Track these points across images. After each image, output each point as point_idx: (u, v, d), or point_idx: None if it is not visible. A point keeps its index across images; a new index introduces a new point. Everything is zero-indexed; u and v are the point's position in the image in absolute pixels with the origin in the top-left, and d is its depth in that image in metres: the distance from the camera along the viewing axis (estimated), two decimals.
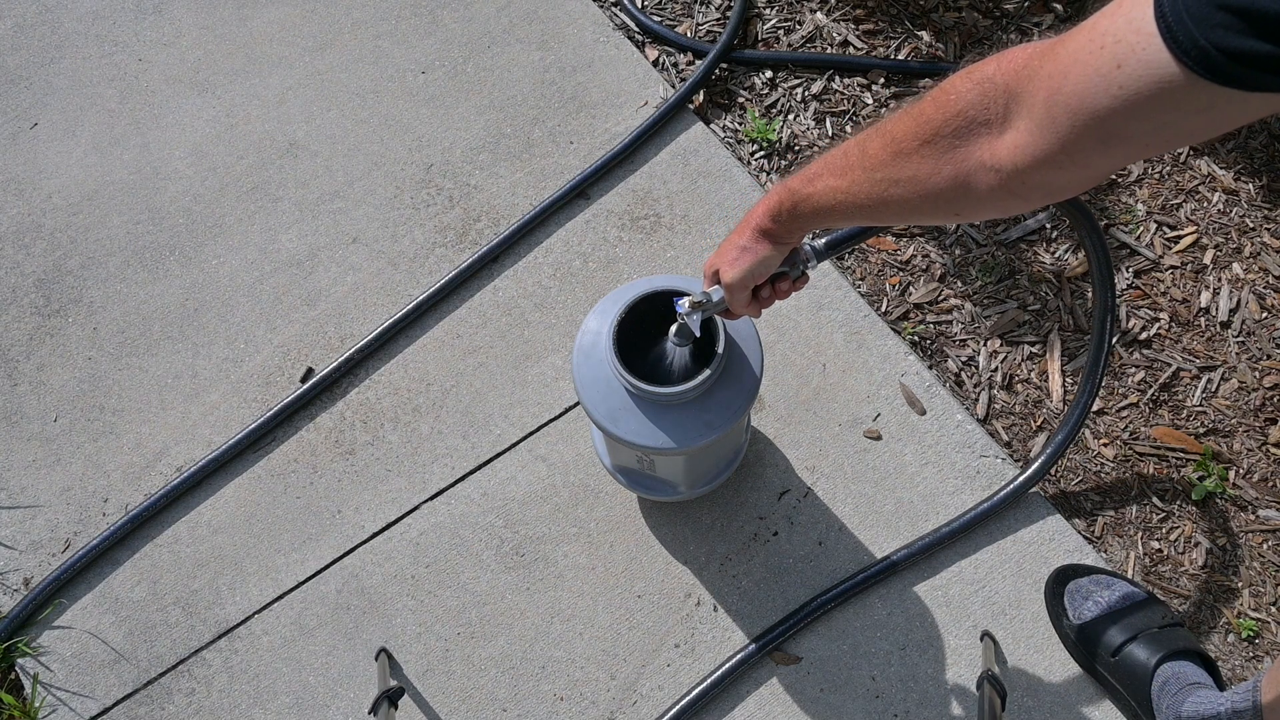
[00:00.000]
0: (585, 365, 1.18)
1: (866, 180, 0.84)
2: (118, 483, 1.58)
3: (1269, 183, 1.72)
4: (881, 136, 0.82)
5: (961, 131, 0.73)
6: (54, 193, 1.84)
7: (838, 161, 0.88)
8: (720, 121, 1.83)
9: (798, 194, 0.93)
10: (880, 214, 0.86)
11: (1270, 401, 1.55)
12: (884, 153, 0.81)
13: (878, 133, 0.83)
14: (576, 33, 1.92)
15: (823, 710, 1.35)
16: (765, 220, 0.98)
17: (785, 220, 0.96)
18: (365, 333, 1.64)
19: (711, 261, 1.06)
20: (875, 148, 0.83)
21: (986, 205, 0.77)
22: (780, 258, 1.01)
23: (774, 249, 1.00)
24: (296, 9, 2.01)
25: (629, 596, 1.44)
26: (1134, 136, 0.62)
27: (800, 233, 0.98)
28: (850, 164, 0.86)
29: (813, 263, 1.05)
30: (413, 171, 1.80)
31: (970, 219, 1.09)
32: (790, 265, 1.05)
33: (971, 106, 0.72)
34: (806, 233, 0.99)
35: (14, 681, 1.47)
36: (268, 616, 1.47)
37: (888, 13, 1.92)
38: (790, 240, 1.00)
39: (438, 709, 1.39)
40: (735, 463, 1.41)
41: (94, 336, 1.70)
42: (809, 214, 0.93)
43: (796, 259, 1.05)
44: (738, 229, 1.02)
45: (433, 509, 1.52)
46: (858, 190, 0.85)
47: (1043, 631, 1.37)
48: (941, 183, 0.77)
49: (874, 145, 0.83)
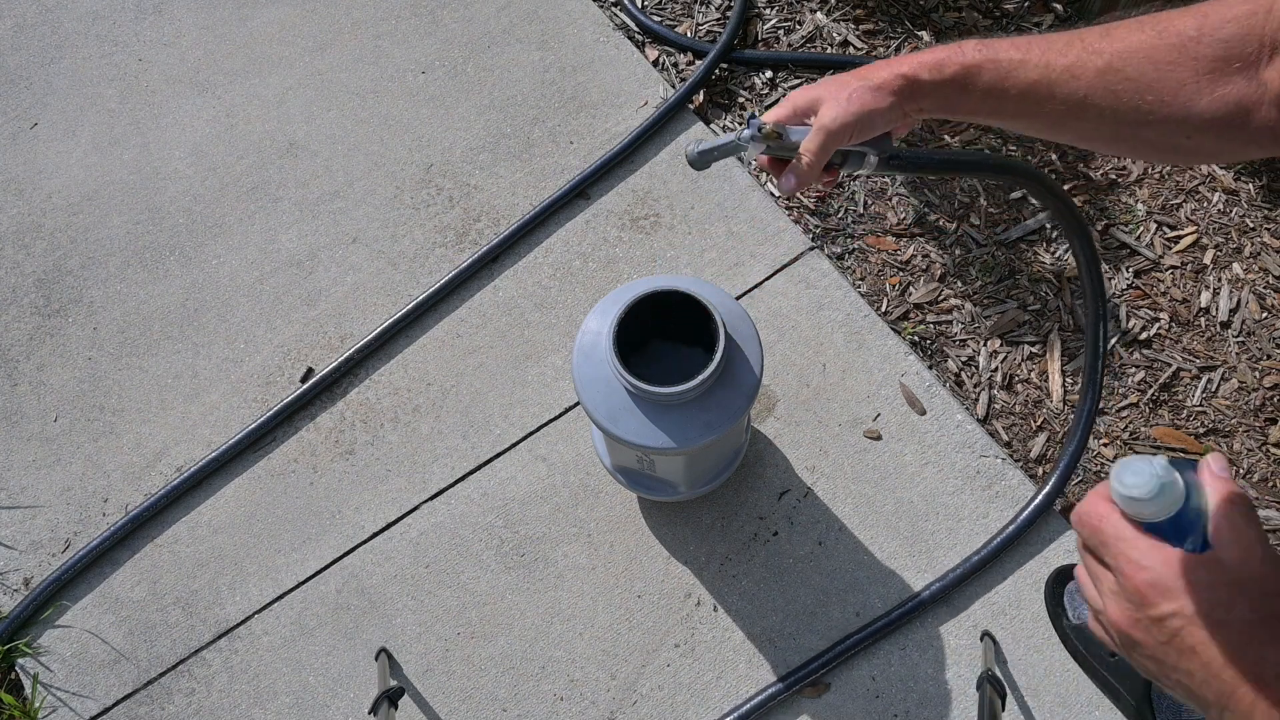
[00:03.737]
0: (585, 365, 1.18)
1: (1094, 70, 0.73)
2: (118, 483, 1.58)
3: (1269, 183, 1.72)
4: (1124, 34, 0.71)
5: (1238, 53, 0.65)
6: (54, 193, 1.85)
7: (1059, 42, 0.76)
8: (720, 121, 1.83)
9: (992, 55, 0.78)
10: (1081, 118, 0.75)
11: (1270, 401, 1.55)
12: (1130, 47, 0.71)
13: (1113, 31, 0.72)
14: (576, 33, 1.92)
15: (822, 710, 1.35)
16: (919, 69, 0.82)
17: (944, 81, 0.81)
18: (365, 333, 1.64)
19: (810, 92, 0.87)
20: (1116, 43, 0.72)
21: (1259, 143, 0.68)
22: (888, 126, 0.85)
23: (895, 109, 0.83)
24: (296, 9, 2.01)
25: (629, 596, 1.44)
26: None
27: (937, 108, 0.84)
28: (1074, 48, 0.75)
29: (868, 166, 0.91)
30: (413, 171, 1.80)
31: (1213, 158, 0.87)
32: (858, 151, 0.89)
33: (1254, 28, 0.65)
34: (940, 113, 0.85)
35: (14, 681, 1.47)
36: (268, 616, 1.47)
37: (888, 13, 1.92)
38: (916, 111, 0.85)
39: (438, 709, 1.39)
40: (735, 463, 1.41)
41: (94, 336, 1.70)
42: (985, 86, 0.79)
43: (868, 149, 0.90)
44: (864, 69, 0.85)
45: (433, 509, 1.52)
46: (1080, 75, 0.73)
47: (1043, 631, 1.37)
48: (1208, 107, 0.67)
49: (1115, 40, 0.73)
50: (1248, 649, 0.51)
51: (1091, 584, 0.60)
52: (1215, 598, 0.52)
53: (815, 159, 0.86)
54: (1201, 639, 0.52)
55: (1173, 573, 0.53)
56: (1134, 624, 0.55)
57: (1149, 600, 0.54)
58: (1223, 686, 0.52)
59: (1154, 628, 0.54)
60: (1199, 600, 0.52)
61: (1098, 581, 0.59)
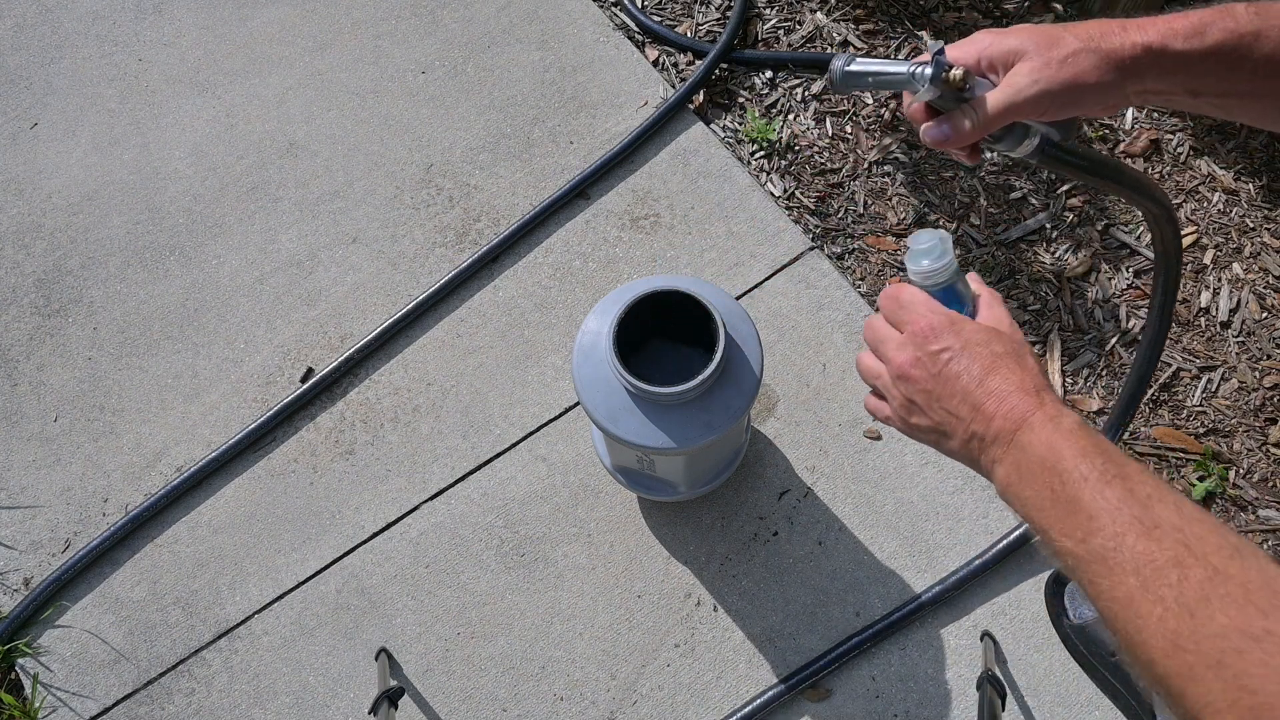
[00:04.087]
0: (585, 365, 1.18)
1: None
2: (118, 483, 1.58)
3: (1269, 183, 1.72)
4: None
5: None
6: (54, 193, 1.85)
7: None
8: (720, 121, 1.83)
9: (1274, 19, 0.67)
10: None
11: (1270, 401, 1.55)
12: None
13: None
14: (576, 33, 1.92)
15: (822, 709, 1.35)
16: (1169, 37, 0.68)
17: (1205, 53, 0.68)
18: (365, 333, 1.64)
19: (1008, 39, 0.72)
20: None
21: None
22: (1097, 108, 0.72)
23: (1116, 88, 0.69)
24: (296, 9, 2.01)
25: (629, 596, 1.44)
26: None
27: (1174, 89, 0.71)
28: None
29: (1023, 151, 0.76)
30: (413, 171, 1.80)
31: None
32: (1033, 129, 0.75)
33: None
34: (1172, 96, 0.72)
35: (14, 681, 1.47)
36: (268, 616, 1.47)
37: (888, 13, 1.92)
38: (1141, 93, 0.71)
39: (438, 709, 1.39)
40: (735, 463, 1.41)
41: (94, 336, 1.70)
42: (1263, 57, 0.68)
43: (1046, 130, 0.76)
44: (1088, 25, 0.71)
45: (433, 509, 1.52)
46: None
47: (1043, 631, 1.37)
48: None
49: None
50: (992, 374, 0.65)
51: (874, 360, 0.73)
52: (977, 339, 0.67)
53: (986, 125, 0.71)
54: (963, 366, 0.66)
55: (949, 322, 0.68)
56: (915, 363, 0.68)
57: (930, 339, 0.68)
58: (971, 403, 0.65)
59: (930, 361, 0.67)
60: (965, 340, 0.67)
61: (883, 344, 0.71)
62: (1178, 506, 0.55)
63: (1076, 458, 0.59)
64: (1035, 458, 0.61)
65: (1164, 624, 0.51)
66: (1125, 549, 0.54)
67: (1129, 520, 0.55)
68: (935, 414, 0.68)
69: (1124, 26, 0.69)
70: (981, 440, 0.65)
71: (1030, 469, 0.61)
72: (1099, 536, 0.55)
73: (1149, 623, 0.52)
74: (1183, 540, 0.53)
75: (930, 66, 0.70)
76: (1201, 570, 0.51)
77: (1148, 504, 0.55)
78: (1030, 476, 0.61)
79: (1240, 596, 0.50)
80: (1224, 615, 0.49)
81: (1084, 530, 0.56)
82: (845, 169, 1.77)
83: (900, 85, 0.74)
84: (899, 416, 0.71)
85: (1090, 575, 0.56)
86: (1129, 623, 0.53)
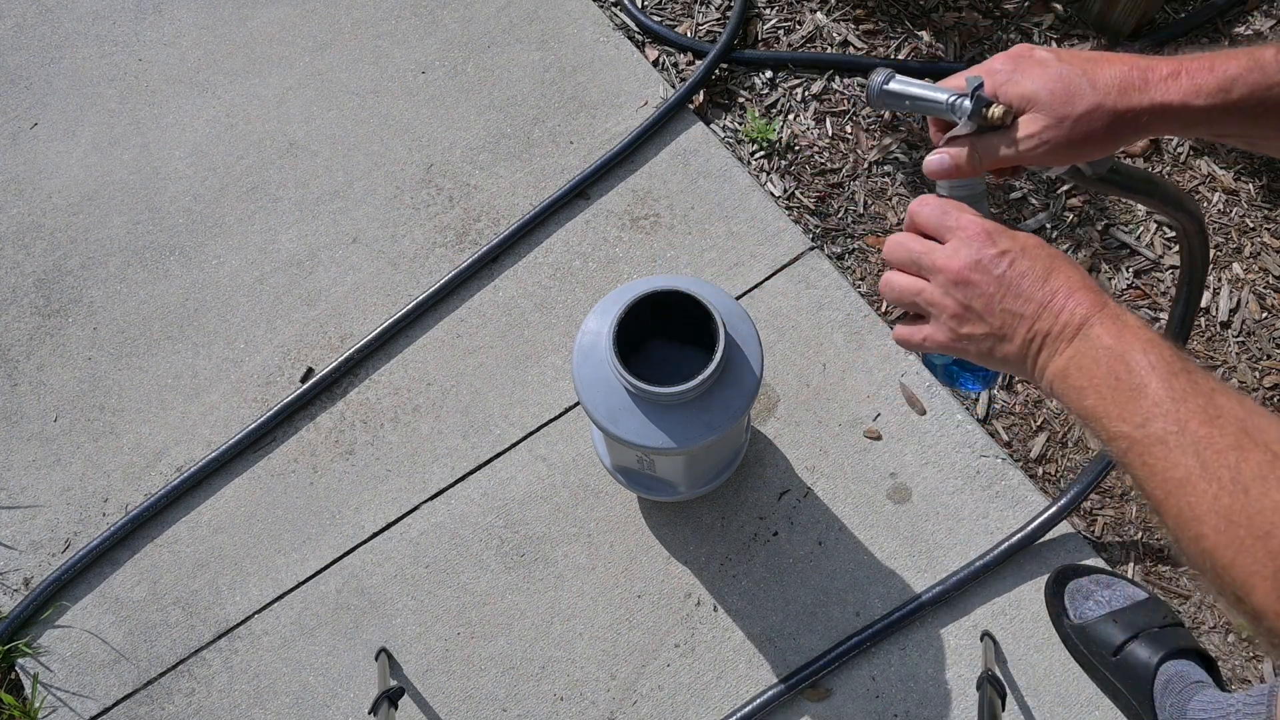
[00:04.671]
0: (585, 365, 1.18)
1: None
2: (118, 483, 1.58)
3: (1269, 183, 1.72)
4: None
5: None
6: (54, 193, 1.85)
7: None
8: (720, 121, 1.83)
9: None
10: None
11: (1270, 401, 1.55)
12: None
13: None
14: (576, 33, 1.92)
15: (822, 709, 1.35)
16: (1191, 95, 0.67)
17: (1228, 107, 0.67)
18: (365, 332, 1.64)
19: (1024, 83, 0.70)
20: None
21: None
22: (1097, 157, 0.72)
23: (1121, 141, 0.70)
24: (296, 9, 2.01)
25: (629, 596, 1.44)
26: None
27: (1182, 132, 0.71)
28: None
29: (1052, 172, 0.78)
30: (413, 171, 1.80)
31: None
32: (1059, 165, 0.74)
33: None
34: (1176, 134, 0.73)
35: (14, 681, 1.47)
36: (268, 616, 1.47)
37: (888, 13, 1.92)
38: (1141, 138, 0.71)
39: (438, 709, 1.39)
40: (735, 463, 1.41)
41: (94, 336, 1.70)
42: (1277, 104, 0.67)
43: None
44: (1115, 74, 0.68)
45: (433, 509, 1.52)
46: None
47: (1043, 631, 1.37)
48: None
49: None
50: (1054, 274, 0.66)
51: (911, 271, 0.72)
52: (1032, 241, 0.68)
53: (986, 167, 0.73)
54: (1027, 266, 0.66)
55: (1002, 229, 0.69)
56: (975, 266, 0.68)
57: (989, 242, 0.67)
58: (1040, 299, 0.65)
59: (992, 263, 0.67)
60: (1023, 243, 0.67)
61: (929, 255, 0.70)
62: (1239, 399, 0.58)
63: (1145, 348, 0.61)
64: (1103, 347, 0.62)
65: (1218, 501, 0.54)
66: (1188, 433, 0.57)
67: (1194, 408, 0.57)
68: (995, 318, 0.67)
69: (1146, 79, 0.68)
70: (1045, 336, 0.66)
71: (1095, 358, 0.63)
72: (1161, 420, 0.58)
73: (1204, 499, 0.55)
74: (1244, 428, 0.56)
75: (970, 100, 0.70)
76: (1260, 454, 0.54)
77: (1211, 395, 0.58)
78: (1094, 365, 0.63)
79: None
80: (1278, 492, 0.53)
81: (1145, 415, 0.59)
82: (845, 169, 1.77)
83: (937, 113, 0.74)
84: (949, 329, 0.70)
85: (1146, 458, 0.58)
86: (1181, 500, 0.56)
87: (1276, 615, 0.52)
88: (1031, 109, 0.69)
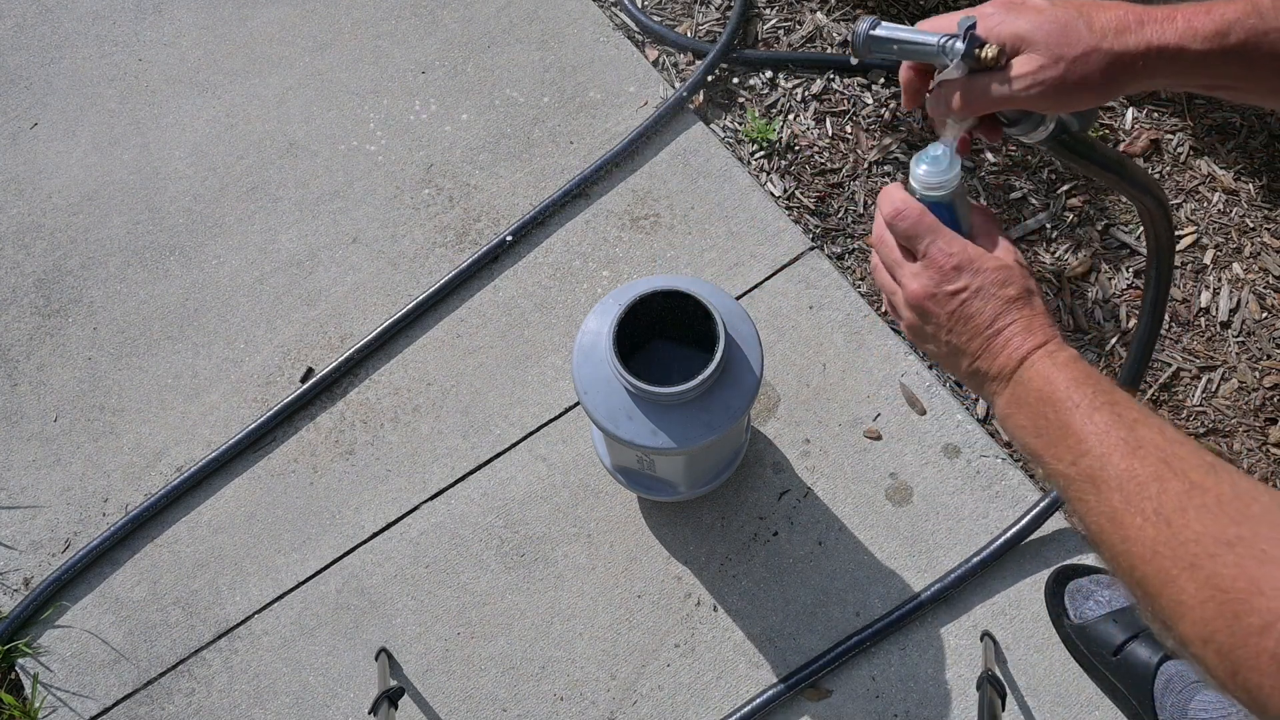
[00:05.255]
0: (585, 365, 1.18)
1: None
2: (118, 483, 1.58)
3: (1269, 183, 1.72)
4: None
5: None
6: (54, 193, 1.85)
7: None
8: (720, 121, 1.83)
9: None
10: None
11: (1270, 401, 1.55)
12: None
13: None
14: (576, 33, 1.92)
15: (822, 709, 1.35)
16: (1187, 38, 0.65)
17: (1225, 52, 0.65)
18: (365, 332, 1.64)
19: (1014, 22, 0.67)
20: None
21: None
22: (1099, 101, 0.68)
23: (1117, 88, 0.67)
24: (296, 9, 2.01)
25: (629, 596, 1.44)
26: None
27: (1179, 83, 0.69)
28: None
29: (1037, 137, 0.74)
30: (413, 171, 1.80)
31: None
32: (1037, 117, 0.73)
33: None
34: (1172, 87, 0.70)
35: (14, 681, 1.47)
36: (268, 616, 1.47)
37: (888, 13, 1.92)
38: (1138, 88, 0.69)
39: (438, 709, 1.39)
40: (735, 463, 1.41)
41: (94, 336, 1.70)
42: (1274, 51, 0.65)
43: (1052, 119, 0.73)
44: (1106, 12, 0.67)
45: (433, 509, 1.52)
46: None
47: (1043, 631, 1.37)
48: None
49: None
50: (1002, 317, 0.69)
51: (886, 271, 0.75)
52: (992, 280, 0.69)
53: (974, 109, 0.70)
54: (977, 308, 0.69)
55: (967, 260, 0.70)
56: (930, 298, 0.71)
57: (947, 279, 0.70)
58: (981, 341, 0.69)
59: (946, 299, 0.70)
60: (981, 282, 0.69)
61: (898, 268, 0.73)
62: (1160, 429, 0.59)
63: (1069, 387, 0.63)
64: (1033, 390, 0.65)
65: (1143, 533, 0.55)
66: (1111, 467, 0.58)
67: (1115, 441, 0.59)
68: (943, 346, 0.72)
69: (1141, 21, 0.66)
70: (986, 375, 0.69)
71: (1027, 400, 0.66)
72: (1088, 458, 0.60)
73: (1131, 533, 0.56)
74: (1163, 458, 0.57)
75: (962, 41, 0.67)
76: (1180, 484, 0.56)
77: (1133, 427, 0.60)
78: (1027, 406, 0.66)
79: (1214, 507, 0.54)
80: (1199, 523, 0.54)
81: (1074, 453, 0.61)
82: (845, 169, 1.77)
83: (927, 57, 0.70)
84: (907, 328, 0.75)
85: (1080, 494, 0.60)
86: (1113, 535, 0.57)
87: (1201, 643, 0.52)
88: (1026, 49, 0.67)
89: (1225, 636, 0.51)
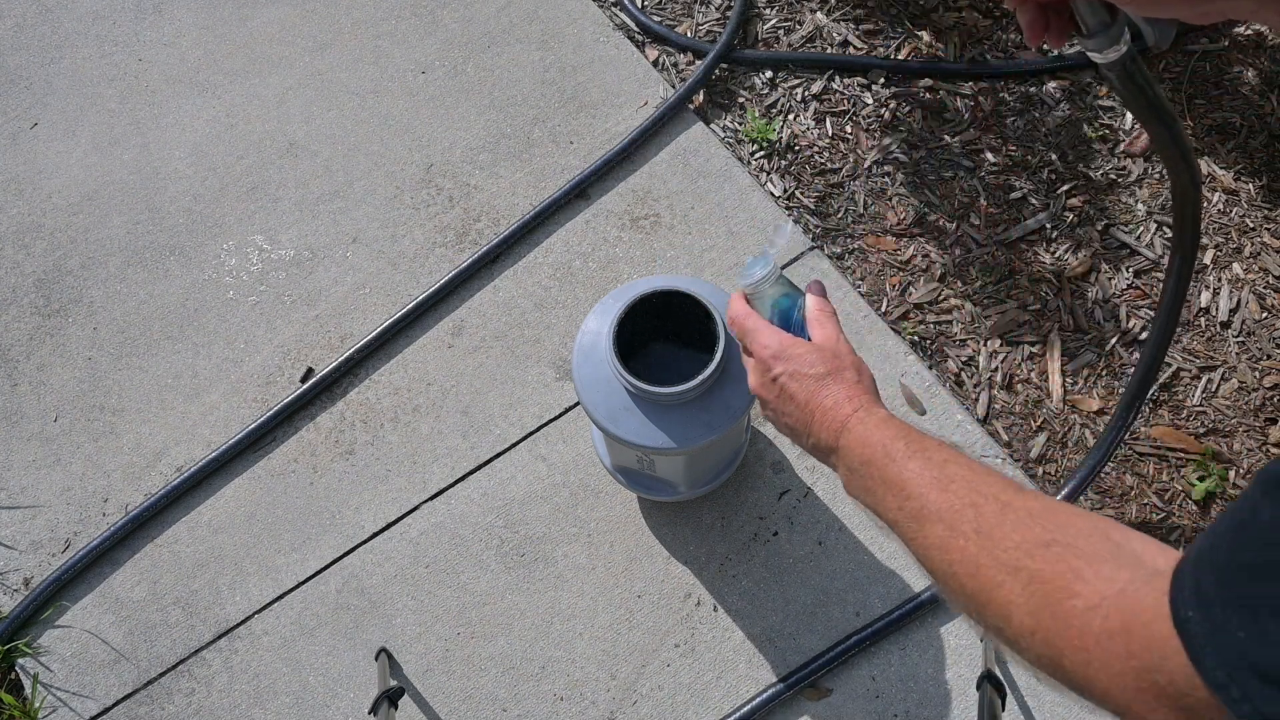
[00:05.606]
0: (585, 365, 1.18)
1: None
2: (118, 483, 1.58)
3: (1269, 183, 1.72)
4: None
5: None
6: (54, 193, 1.85)
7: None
8: (720, 121, 1.83)
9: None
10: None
11: (1270, 401, 1.55)
12: None
13: None
14: (576, 33, 1.92)
15: (822, 709, 1.35)
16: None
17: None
18: (365, 332, 1.64)
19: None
20: None
21: None
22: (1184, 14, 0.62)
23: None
24: (296, 9, 2.01)
25: (629, 596, 1.44)
26: None
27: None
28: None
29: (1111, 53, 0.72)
30: (413, 171, 1.80)
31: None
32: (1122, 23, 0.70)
33: None
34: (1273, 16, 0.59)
35: (14, 681, 1.47)
36: (268, 616, 1.47)
37: (888, 13, 1.92)
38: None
39: (438, 709, 1.39)
40: (735, 463, 1.41)
41: (94, 336, 1.70)
42: None
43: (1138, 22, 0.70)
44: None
45: (433, 509, 1.52)
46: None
47: None
48: None
49: None
50: (817, 393, 0.79)
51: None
52: (803, 362, 0.81)
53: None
54: (795, 388, 0.80)
55: (781, 347, 0.82)
56: (762, 385, 0.84)
57: (769, 366, 0.83)
58: (806, 416, 0.80)
59: (772, 385, 0.83)
60: (793, 367, 0.81)
61: (745, 359, 0.87)
62: (969, 465, 0.67)
63: (886, 444, 0.72)
64: (856, 454, 0.74)
65: (966, 551, 0.61)
66: (930, 504, 0.65)
67: (930, 481, 0.67)
68: (784, 427, 0.83)
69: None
70: (821, 447, 0.79)
71: (855, 464, 0.74)
72: (911, 500, 0.67)
73: (955, 554, 0.62)
74: (974, 487, 0.64)
75: None
76: (992, 505, 0.62)
77: (943, 466, 0.67)
78: (856, 469, 0.74)
79: (1027, 518, 0.60)
80: (1016, 533, 0.60)
81: (899, 498, 0.68)
82: (845, 169, 1.77)
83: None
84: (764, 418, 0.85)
85: (911, 533, 0.67)
86: (942, 560, 0.64)
87: (1029, 635, 0.56)
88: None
89: (1050, 620, 0.55)
